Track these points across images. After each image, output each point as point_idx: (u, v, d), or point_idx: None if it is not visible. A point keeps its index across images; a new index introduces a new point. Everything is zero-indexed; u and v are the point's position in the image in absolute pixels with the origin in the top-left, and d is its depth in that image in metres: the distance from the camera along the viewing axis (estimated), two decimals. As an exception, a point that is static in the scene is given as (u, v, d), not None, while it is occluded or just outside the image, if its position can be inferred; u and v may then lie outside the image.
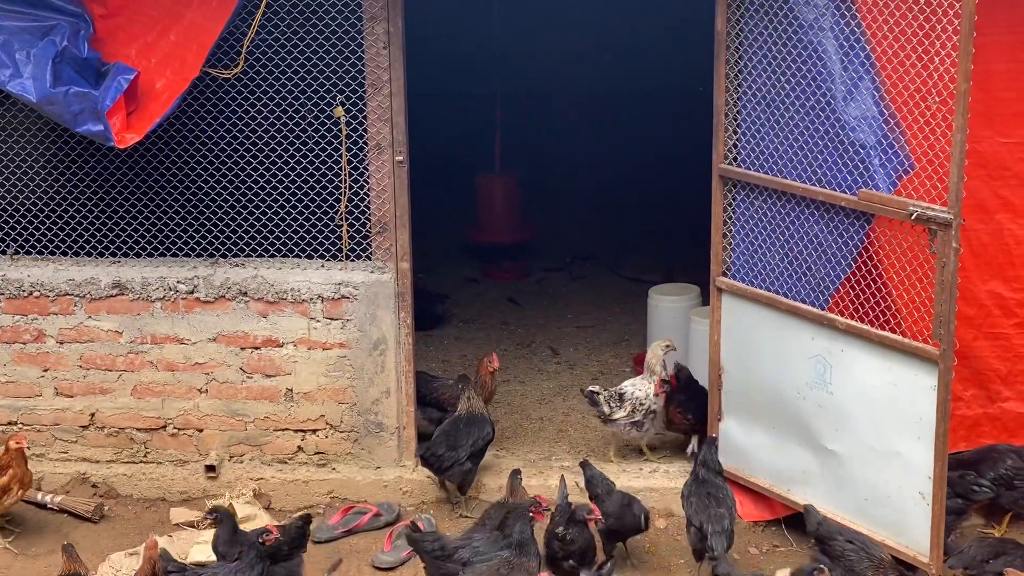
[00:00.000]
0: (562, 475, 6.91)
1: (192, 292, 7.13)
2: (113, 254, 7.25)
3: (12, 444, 6.72)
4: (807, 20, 6.21)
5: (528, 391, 8.44)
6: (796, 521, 6.79)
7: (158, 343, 7.21)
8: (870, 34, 6.06)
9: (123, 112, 6.54)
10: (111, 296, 7.16)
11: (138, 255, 7.24)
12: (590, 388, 7.42)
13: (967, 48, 5.57)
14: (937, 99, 5.79)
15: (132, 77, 6.55)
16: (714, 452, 6.57)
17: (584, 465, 6.84)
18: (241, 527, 6.75)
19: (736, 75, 6.63)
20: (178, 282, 7.13)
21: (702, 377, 7.29)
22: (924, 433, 6.06)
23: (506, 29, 11.33)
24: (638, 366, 8.58)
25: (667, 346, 7.51)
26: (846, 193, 6.20)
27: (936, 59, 5.75)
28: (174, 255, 7.24)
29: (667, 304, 8.44)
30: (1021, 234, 6.67)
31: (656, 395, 7.30)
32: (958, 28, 5.58)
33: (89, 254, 7.25)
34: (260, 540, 6.02)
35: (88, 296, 7.16)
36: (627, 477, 7.20)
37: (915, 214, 5.88)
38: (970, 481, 6.49)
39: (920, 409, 6.06)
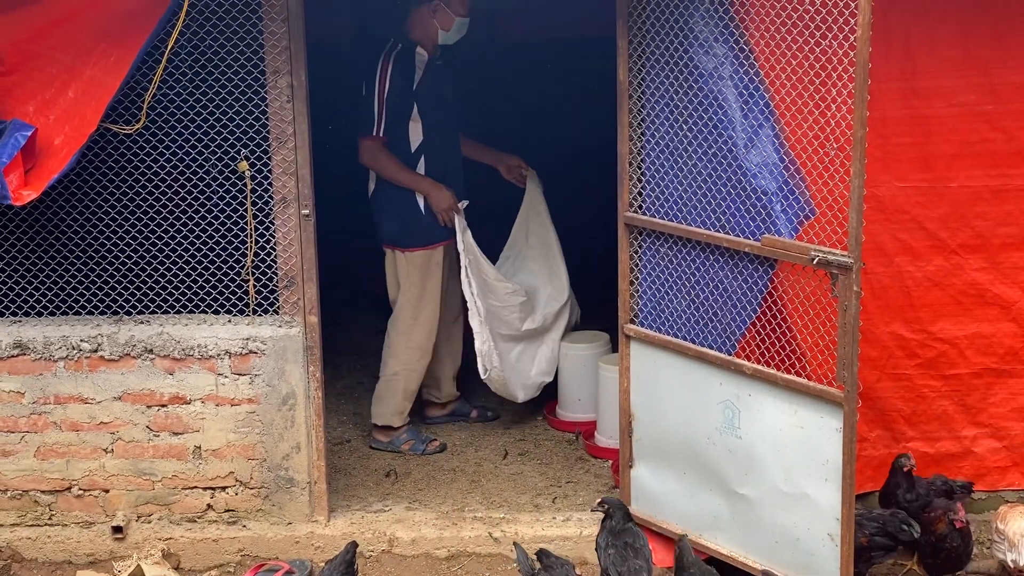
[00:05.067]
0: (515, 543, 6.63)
1: (96, 351, 7.01)
2: (14, 313, 7.12)
3: None
4: (707, 70, 6.31)
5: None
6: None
7: (62, 403, 7.08)
8: (768, 82, 6.16)
9: (20, 169, 6.44)
10: (12, 356, 7.02)
11: (39, 314, 7.12)
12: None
13: (862, 95, 5.67)
14: (835, 145, 5.89)
15: (30, 134, 6.46)
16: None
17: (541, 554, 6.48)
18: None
19: (639, 124, 6.71)
20: (81, 340, 7.01)
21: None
22: (831, 475, 6.12)
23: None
24: (550, 415, 8.60)
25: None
26: (750, 239, 6.28)
27: (833, 106, 5.85)
28: (77, 313, 7.13)
29: (576, 352, 8.48)
30: (920, 276, 6.82)
31: None
32: (853, 76, 5.69)
33: (-11, 314, 7.12)
34: None
35: (-12, 357, 7.03)
36: (540, 526, 7.19)
37: (816, 259, 5.97)
38: (900, 520, 6.55)
39: (826, 451, 6.12)
